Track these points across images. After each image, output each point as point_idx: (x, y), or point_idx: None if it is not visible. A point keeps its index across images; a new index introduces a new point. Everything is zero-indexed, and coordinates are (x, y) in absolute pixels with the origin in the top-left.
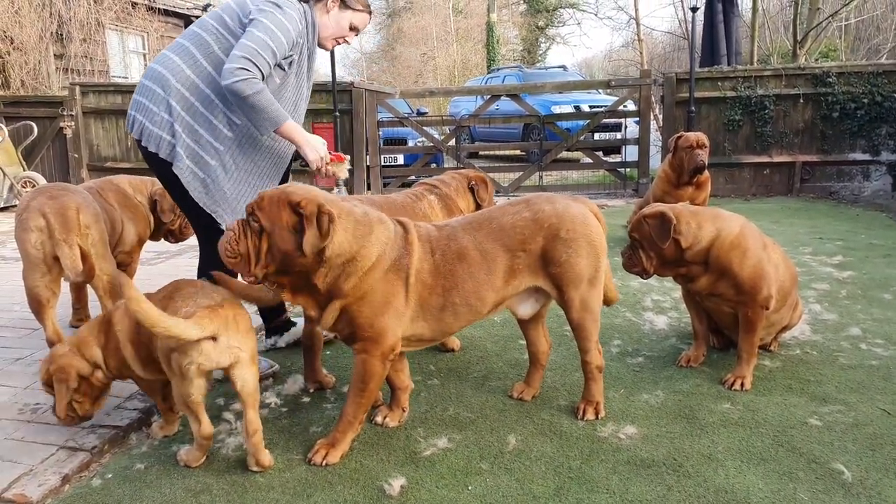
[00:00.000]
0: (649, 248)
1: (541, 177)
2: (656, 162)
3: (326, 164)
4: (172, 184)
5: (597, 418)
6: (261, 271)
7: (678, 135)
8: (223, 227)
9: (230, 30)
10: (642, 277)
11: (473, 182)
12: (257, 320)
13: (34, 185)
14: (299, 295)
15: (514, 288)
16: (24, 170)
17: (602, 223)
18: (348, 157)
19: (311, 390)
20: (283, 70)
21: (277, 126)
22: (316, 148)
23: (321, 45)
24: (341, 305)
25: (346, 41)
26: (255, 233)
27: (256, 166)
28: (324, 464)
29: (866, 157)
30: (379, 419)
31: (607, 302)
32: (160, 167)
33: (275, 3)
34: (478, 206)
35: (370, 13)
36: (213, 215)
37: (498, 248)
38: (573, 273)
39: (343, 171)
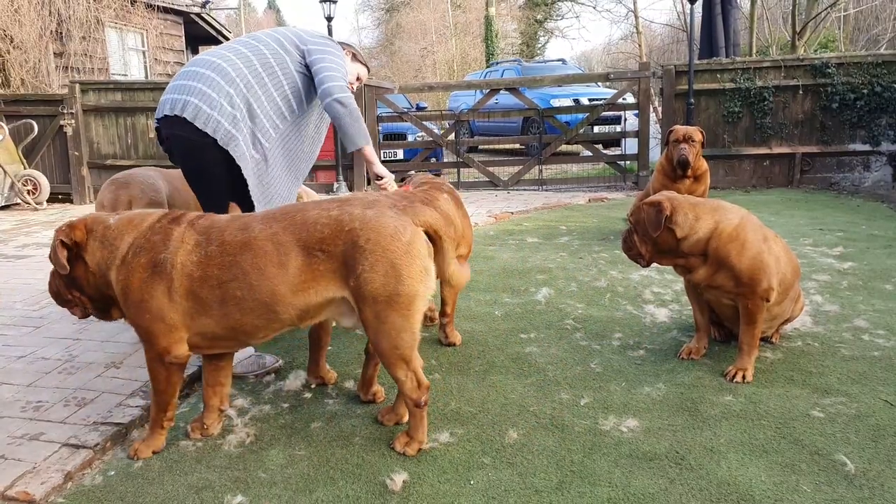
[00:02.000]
0: (643, 235)
1: (540, 170)
2: (656, 154)
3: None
4: (203, 171)
5: (409, 454)
6: (83, 305)
7: (671, 129)
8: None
9: (287, 50)
10: (640, 264)
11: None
12: None
13: (35, 184)
14: (115, 312)
15: (319, 294)
16: (24, 168)
17: (440, 241)
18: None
19: (313, 385)
20: None
21: (367, 143)
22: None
23: None
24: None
25: (352, 87)
26: (57, 275)
27: (288, 167)
28: (134, 456)
29: (866, 147)
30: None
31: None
32: (205, 151)
33: (329, 40)
34: None
35: (369, 69)
36: (255, 203)
37: (292, 242)
38: (367, 289)
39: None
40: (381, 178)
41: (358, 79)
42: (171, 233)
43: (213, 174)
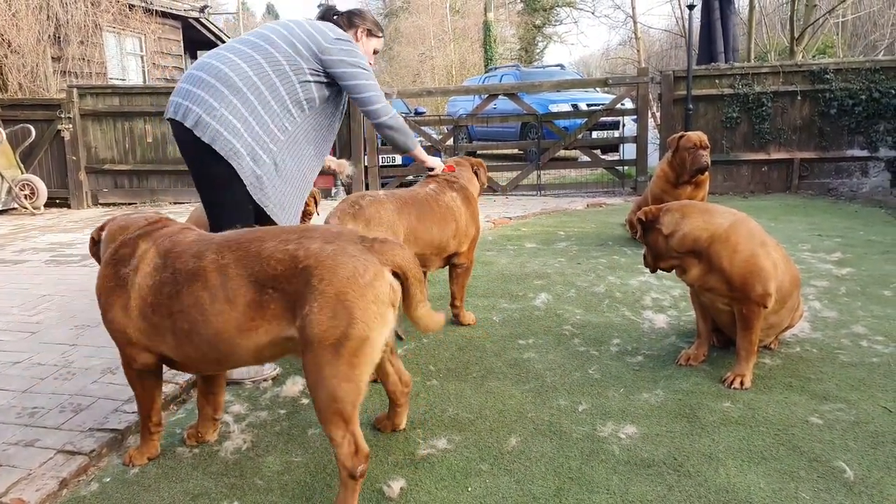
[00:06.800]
0: (642, 239)
1: (539, 176)
2: (654, 160)
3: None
4: (209, 176)
5: None
6: None
7: (680, 134)
8: (277, 220)
9: (304, 56)
10: (648, 269)
11: (476, 167)
12: None
13: (32, 188)
14: None
15: (271, 333)
16: (21, 172)
17: (408, 283)
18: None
19: None
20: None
21: (415, 147)
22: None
23: None
24: None
25: (370, 65)
26: None
27: (299, 169)
28: (128, 464)
29: (864, 153)
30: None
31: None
32: (206, 158)
33: (346, 39)
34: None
35: (383, 34)
36: (266, 209)
37: (243, 276)
38: (312, 332)
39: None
40: (433, 169)
41: (375, 53)
42: (135, 251)
43: (215, 181)
